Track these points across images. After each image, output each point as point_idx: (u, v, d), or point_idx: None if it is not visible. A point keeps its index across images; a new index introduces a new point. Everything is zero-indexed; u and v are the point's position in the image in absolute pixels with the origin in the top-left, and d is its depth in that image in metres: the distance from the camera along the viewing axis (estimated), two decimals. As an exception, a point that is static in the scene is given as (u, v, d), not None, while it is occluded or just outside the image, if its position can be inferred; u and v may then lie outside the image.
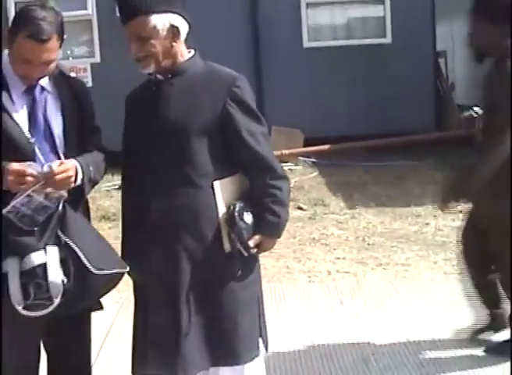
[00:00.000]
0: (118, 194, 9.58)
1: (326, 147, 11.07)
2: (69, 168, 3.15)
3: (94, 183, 3.38)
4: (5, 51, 3.29)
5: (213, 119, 3.28)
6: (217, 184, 3.29)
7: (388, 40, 12.08)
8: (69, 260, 3.08)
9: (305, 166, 11.10)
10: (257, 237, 3.33)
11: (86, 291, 3.13)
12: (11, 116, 3.18)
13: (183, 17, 3.30)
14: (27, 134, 3.20)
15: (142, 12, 3.18)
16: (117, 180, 9.79)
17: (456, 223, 7.85)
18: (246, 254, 3.30)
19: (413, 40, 11.89)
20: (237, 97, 3.31)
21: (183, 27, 3.31)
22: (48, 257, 3.06)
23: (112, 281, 3.24)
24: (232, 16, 11.90)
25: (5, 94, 3.19)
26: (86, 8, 11.72)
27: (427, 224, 8.08)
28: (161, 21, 3.22)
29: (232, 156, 3.34)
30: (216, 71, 3.40)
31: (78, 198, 3.31)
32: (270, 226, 3.36)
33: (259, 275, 3.53)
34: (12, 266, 3.04)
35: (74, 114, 3.37)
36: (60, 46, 3.22)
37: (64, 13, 10.02)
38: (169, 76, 3.34)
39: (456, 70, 13.04)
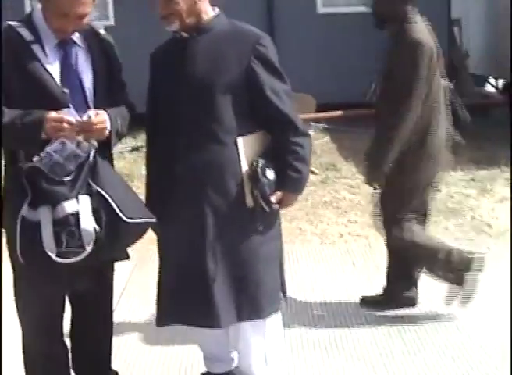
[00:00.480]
0: (130, 156, 9.69)
1: (338, 113, 11.06)
2: (104, 119, 3.23)
3: (120, 136, 3.44)
4: (38, 6, 3.34)
5: (238, 77, 3.32)
6: (240, 141, 3.34)
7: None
8: (100, 209, 3.13)
9: (316, 131, 11.09)
10: (278, 192, 3.39)
11: (117, 240, 3.19)
12: (45, 68, 3.23)
13: None
14: (61, 85, 3.25)
15: None
16: (129, 142, 9.87)
17: (468, 191, 7.94)
18: (268, 209, 3.35)
19: (427, 6, 11.76)
20: (262, 55, 3.35)
21: None
22: (81, 205, 3.11)
23: (141, 230, 3.29)
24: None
25: (38, 47, 3.25)
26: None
27: (438, 190, 8.09)
28: None
29: (255, 113, 3.38)
30: (241, 30, 3.44)
31: (105, 149, 3.36)
32: (292, 182, 3.42)
33: (280, 231, 3.59)
34: (44, 215, 3.09)
35: (103, 69, 3.43)
36: (94, 1, 3.27)
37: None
38: (194, 33, 3.37)
39: (470, 39, 12.97)
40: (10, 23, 3.32)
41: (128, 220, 3.15)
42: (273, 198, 3.37)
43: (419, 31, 4.46)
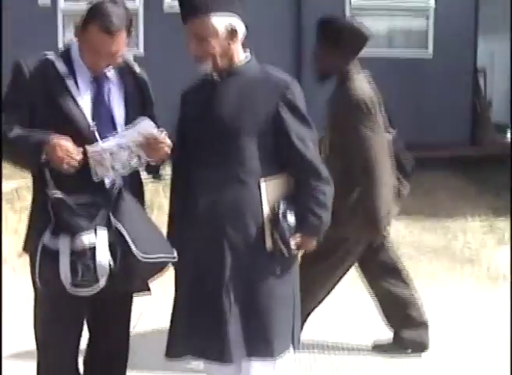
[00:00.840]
0: (151, 186, 9.76)
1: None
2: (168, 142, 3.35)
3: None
4: (75, 42, 3.47)
5: (265, 121, 3.41)
6: (263, 183, 3.42)
7: (429, 53, 12.09)
8: (116, 243, 3.20)
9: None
10: (298, 237, 3.47)
11: (130, 275, 3.26)
12: (76, 102, 3.35)
13: (241, 19, 3.43)
14: (89, 120, 3.36)
15: (202, 12, 3.33)
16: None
17: (485, 239, 7.98)
18: (286, 253, 3.43)
19: (454, 55, 11.94)
20: (289, 101, 3.43)
21: (241, 29, 3.44)
22: (98, 239, 3.19)
23: (158, 267, 3.36)
24: (276, 18, 12.00)
25: (71, 81, 3.38)
26: (133, 0, 11.83)
27: (456, 238, 8.16)
28: (220, 22, 3.35)
29: (280, 157, 3.47)
30: (271, 74, 3.52)
31: (135, 180, 3.51)
32: (311, 227, 3.49)
33: (296, 274, 3.65)
34: (63, 245, 3.18)
35: (136, 104, 3.54)
36: (127, 39, 3.39)
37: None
38: (225, 76, 3.47)
39: (494, 89, 13.07)
40: (48, 54, 3.43)
41: (142, 258, 3.22)
42: (292, 242, 3.45)
43: (358, 87, 4.57)
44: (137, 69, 3.65)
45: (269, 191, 3.44)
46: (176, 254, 3.36)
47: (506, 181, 10.10)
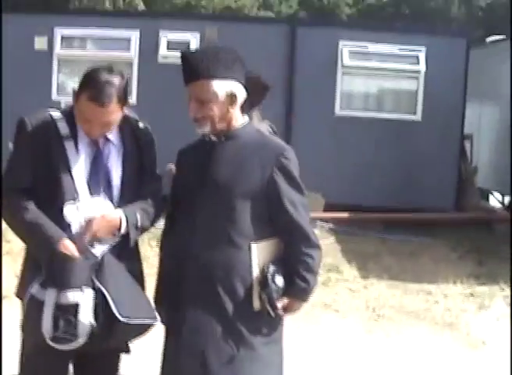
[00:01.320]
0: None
1: (345, 215, 11.22)
2: (111, 220, 3.42)
3: (142, 229, 3.59)
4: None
5: (259, 185, 3.48)
6: (254, 246, 3.48)
7: (418, 116, 12.23)
8: (100, 305, 3.26)
9: (322, 230, 11.21)
10: (285, 299, 3.51)
11: (111, 336, 3.30)
12: (69, 166, 3.42)
13: (242, 84, 3.52)
14: (78, 188, 3.43)
15: (204, 77, 3.42)
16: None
17: (466, 305, 8.02)
18: (273, 314, 3.47)
19: (442, 120, 12.09)
20: (284, 167, 3.51)
21: (241, 94, 3.52)
22: (83, 298, 3.25)
23: (140, 330, 3.43)
24: (269, 72, 12.11)
25: (70, 144, 3.44)
26: (129, 50, 11.97)
27: (436, 302, 8.19)
28: (221, 87, 3.44)
29: (271, 221, 3.54)
30: (267, 140, 3.63)
31: (123, 244, 3.52)
32: (299, 290, 3.55)
33: (281, 335, 3.68)
34: (49, 297, 3.25)
35: (135, 164, 3.60)
36: (122, 108, 3.44)
37: (106, 53, 10.39)
38: (223, 138, 3.55)
39: (480, 154, 13.21)
40: (52, 112, 3.49)
41: (123, 320, 3.25)
42: (279, 304, 3.49)
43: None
44: (141, 124, 3.69)
45: (259, 254, 3.49)
46: (158, 317, 3.45)
47: (489, 247, 10.19)
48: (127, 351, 3.61)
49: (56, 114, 3.49)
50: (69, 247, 3.32)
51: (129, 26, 12.04)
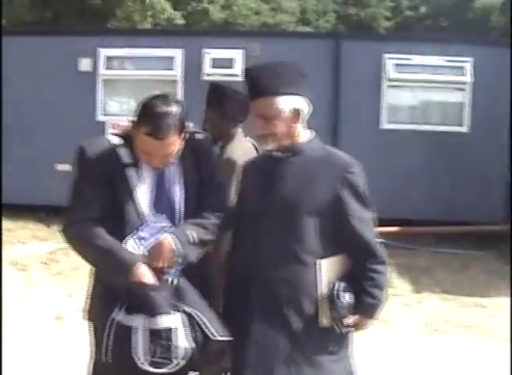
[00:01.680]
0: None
1: (396, 229, 11.09)
2: (162, 247, 3.40)
3: (203, 243, 3.55)
4: None
5: (325, 201, 3.44)
6: (322, 263, 3.44)
7: (465, 129, 12.10)
8: (194, 327, 3.28)
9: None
10: (354, 316, 3.47)
11: (207, 356, 3.34)
12: (132, 194, 3.41)
13: (305, 99, 3.49)
14: (142, 210, 3.43)
15: (268, 93, 3.40)
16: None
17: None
18: (342, 331, 3.44)
19: (490, 131, 11.94)
20: (350, 182, 3.47)
21: (305, 109, 3.49)
22: (175, 322, 3.24)
23: (223, 347, 3.42)
24: (314, 87, 12.06)
25: (132, 170, 3.43)
26: (173, 69, 12.01)
27: (492, 316, 8.04)
28: (285, 103, 3.42)
29: (338, 237, 3.49)
30: (333, 155, 3.58)
31: (186, 263, 3.51)
32: (367, 307, 3.51)
33: (350, 352, 3.65)
34: (140, 324, 3.24)
35: (195, 179, 3.58)
36: (181, 137, 3.41)
37: (150, 72, 10.45)
38: (288, 154, 3.51)
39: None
40: (110, 138, 3.49)
41: (218, 338, 3.30)
42: (348, 321, 3.45)
43: (237, 150, 4.63)
44: (198, 135, 3.67)
45: (327, 270, 3.46)
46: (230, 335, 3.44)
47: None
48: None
49: (115, 139, 3.48)
50: (145, 274, 3.31)
51: (173, 45, 12.11)
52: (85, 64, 12.16)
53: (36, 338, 6.55)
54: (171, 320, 3.23)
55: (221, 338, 3.32)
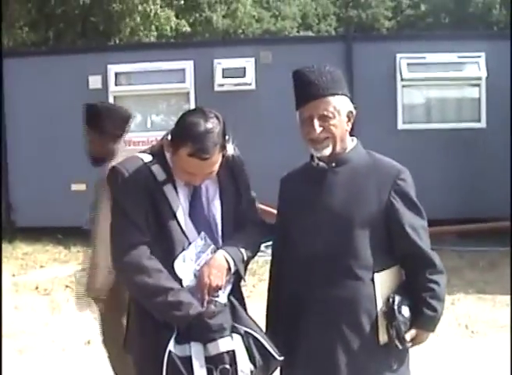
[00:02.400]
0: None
1: (419, 229, 10.93)
2: (218, 266, 3.26)
3: (247, 261, 3.43)
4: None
5: (377, 211, 3.28)
6: (378, 277, 3.27)
7: (482, 124, 11.96)
8: (252, 348, 3.15)
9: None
10: (413, 330, 3.31)
11: None
12: (174, 213, 3.25)
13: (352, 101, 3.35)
14: (184, 228, 3.27)
15: (327, 93, 3.24)
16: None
17: None
18: (401, 347, 3.27)
19: (507, 125, 11.79)
20: (402, 190, 3.32)
21: (354, 111, 3.36)
22: (235, 344, 3.11)
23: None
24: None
25: (169, 187, 3.27)
26: (184, 81, 11.90)
27: (530, 315, 7.88)
28: (342, 103, 3.29)
29: (392, 248, 3.33)
30: (380, 162, 3.41)
31: (237, 283, 3.40)
32: (426, 320, 3.34)
33: (409, 366, 3.48)
34: (196, 351, 3.08)
35: (232, 194, 3.44)
36: (222, 153, 3.25)
37: (162, 86, 10.42)
38: (333, 164, 3.35)
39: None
40: (142, 157, 3.33)
41: (279, 357, 3.18)
42: (408, 336, 3.28)
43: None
44: (231, 150, 3.45)
45: (383, 284, 3.29)
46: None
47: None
48: None
49: (147, 157, 3.33)
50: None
51: (183, 57, 12.03)
52: (95, 81, 12.08)
53: (68, 364, 6.41)
54: (230, 343, 3.10)
55: (280, 358, 3.20)
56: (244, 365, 3.09)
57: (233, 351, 3.09)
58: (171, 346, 3.09)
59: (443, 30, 17.92)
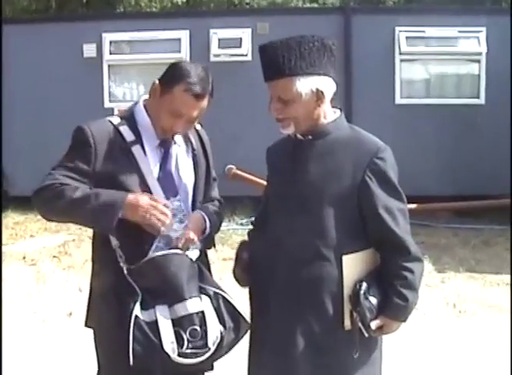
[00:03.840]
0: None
1: (413, 206, 10.78)
2: (199, 222, 3.28)
3: (215, 233, 3.45)
4: (141, 102, 3.30)
5: (349, 190, 3.12)
6: (346, 260, 3.12)
7: (481, 100, 11.80)
8: (222, 309, 3.12)
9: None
10: (380, 318, 3.16)
11: (236, 340, 3.17)
12: (142, 175, 3.18)
13: (331, 76, 3.14)
14: (153, 192, 3.19)
15: (286, 74, 3.04)
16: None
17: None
18: (366, 335, 3.13)
19: (506, 101, 11.62)
20: (379, 169, 3.13)
21: (329, 89, 3.14)
22: (205, 305, 3.07)
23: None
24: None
25: (138, 148, 3.21)
26: (180, 51, 11.74)
27: (521, 295, 7.78)
28: (305, 85, 3.06)
29: (365, 231, 3.17)
30: (361, 137, 3.23)
31: (204, 250, 3.40)
32: (396, 309, 3.17)
33: (379, 357, 3.34)
34: (162, 314, 3.01)
35: (204, 165, 3.43)
36: (209, 102, 3.24)
37: (157, 55, 10.31)
38: (310, 137, 3.19)
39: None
40: (111, 119, 3.26)
41: (248, 320, 3.17)
42: (373, 324, 3.13)
43: None
44: (198, 126, 3.49)
45: (352, 267, 3.14)
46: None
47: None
48: (212, 368, 3.36)
49: (116, 120, 3.27)
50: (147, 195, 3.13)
51: (178, 27, 11.86)
52: (89, 50, 11.91)
53: (48, 337, 6.32)
54: (199, 304, 3.05)
55: (249, 322, 3.21)
56: (214, 326, 3.03)
57: (202, 312, 3.03)
58: (137, 311, 3.00)
59: (444, 4, 17.53)
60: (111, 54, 11.90)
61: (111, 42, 11.87)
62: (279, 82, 3.07)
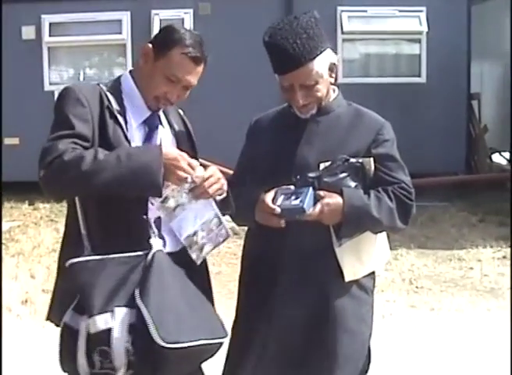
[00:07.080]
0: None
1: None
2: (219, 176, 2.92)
3: None
4: (127, 74, 3.08)
5: None
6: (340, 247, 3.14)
7: (422, 79, 11.94)
8: (138, 326, 2.58)
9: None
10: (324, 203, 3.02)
11: (155, 366, 2.59)
12: (127, 139, 2.91)
13: (330, 47, 3.13)
14: None
15: (306, 60, 3.00)
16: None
17: (502, 269, 7.75)
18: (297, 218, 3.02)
19: (448, 80, 11.79)
20: (383, 145, 3.16)
21: (336, 59, 3.15)
22: (115, 320, 2.60)
23: (204, 353, 2.72)
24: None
25: (123, 120, 2.93)
26: (121, 33, 11.60)
27: (471, 269, 7.92)
28: (322, 64, 3.04)
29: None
30: (363, 114, 3.24)
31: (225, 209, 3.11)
32: (352, 193, 3.07)
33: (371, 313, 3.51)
34: (82, 326, 2.65)
35: (187, 145, 3.15)
36: (203, 69, 3.04)
37: (98, 37, 10.07)
38: (314, 113, 3.17)
39: (488, 113, 12.91)
40: (100, 85, 3.01)
41: (165, 344, 2.52)
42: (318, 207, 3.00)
43: None
44: (180, 111, 3.30)
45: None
46: (226, 334, 2.77)
47: (506, 207, 9.89)
48: None
49: (104, 87, 3.01)
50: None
51: (119, 8, 11.68)
52: (28, 32, 11.68)
53: (5, 325, 6.19)
54: (108, 320, 2.58)
55: (168, 345, 2.52)
56: (118, 345, 2.58)
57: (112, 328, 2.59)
58: (66, 316, 2.71)
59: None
60: (50, 36, 11.68)
61: (50, 24, 11.65)
62: (299, 71, 3.02)
